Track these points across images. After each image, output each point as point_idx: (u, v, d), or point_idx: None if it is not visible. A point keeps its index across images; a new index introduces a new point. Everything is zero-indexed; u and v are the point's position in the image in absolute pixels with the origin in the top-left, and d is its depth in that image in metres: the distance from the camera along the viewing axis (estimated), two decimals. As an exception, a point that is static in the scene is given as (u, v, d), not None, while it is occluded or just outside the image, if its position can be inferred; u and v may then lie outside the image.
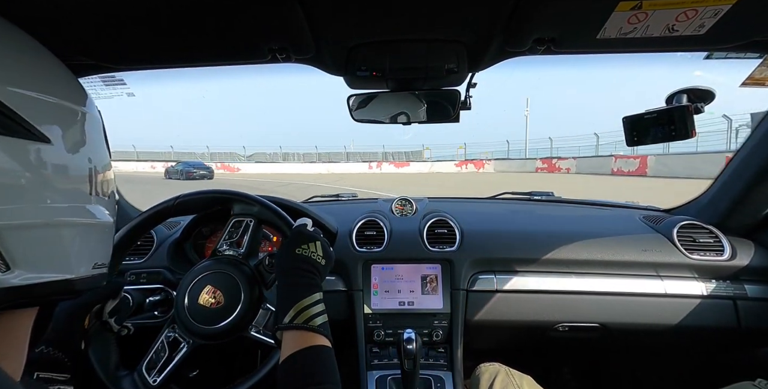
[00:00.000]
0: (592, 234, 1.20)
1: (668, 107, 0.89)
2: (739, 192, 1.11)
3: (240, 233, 0.84)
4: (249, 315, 0.76)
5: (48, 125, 0.37)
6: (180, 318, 0.76)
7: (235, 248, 0.83)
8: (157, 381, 0.75)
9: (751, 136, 1.07)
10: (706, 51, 0.85)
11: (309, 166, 27.51)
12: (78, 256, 0.40)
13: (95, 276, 0.43)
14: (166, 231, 1.24)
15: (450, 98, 1.01)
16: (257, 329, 0.77)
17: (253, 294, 0.76)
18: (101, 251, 0.44)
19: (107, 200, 0.44)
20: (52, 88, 0.39)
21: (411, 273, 1.14)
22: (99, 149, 0.43)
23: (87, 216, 0.40)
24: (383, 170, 27.52)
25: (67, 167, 0.38)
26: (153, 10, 0.62)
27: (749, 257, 1.08)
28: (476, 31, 0.74)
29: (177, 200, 0.84)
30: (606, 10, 0.62)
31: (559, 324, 1.11)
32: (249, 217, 0.84)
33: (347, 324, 1.12)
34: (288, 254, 0.69)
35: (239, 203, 0.85)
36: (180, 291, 0.77)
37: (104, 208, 0.43)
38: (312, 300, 0.63)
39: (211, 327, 0.74)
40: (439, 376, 1.02)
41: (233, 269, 0.77)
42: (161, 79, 1.14)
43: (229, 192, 0.85)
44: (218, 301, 0.74)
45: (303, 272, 0.67)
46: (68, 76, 0.43)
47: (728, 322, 1.05)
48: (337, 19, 0.69)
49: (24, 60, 0.39)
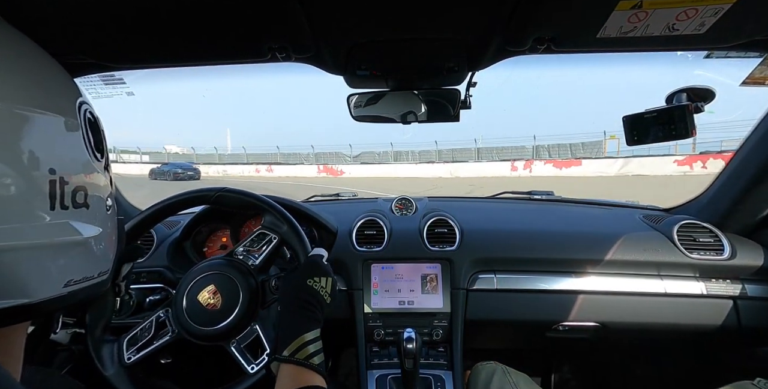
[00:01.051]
0: (592, 234, 1.20)
1: (668, 106, 0.89)
2: (738, 192, 1.10)
3: (261, 245, 0.83)
4: (238, 326, 0.74)
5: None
6: (176, 306, 0.75)
7: (250, 257, 0.82)
8: (131, 359, 0.75)
9: (751, 135, 1.07)
10: (707, 50, 0.85)
11: (426, 167, 20.00)
12: (37, 279, 0.36)
13: (68, 295, 0.38)
14: (166, 230, 1.24)
15: (450, 97, 1.01)
16: (238, 345, 0.75)
17: (249, 307, 0.75)
18: (77, 268, 0.39)
19: (86, 210, 0.39)
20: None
21: (411, 273, 1.14)
22: (68, 155, 0.38)
23: (46, 236, 0.35)
24: (535, 171, 16.98)
25: (10, 185, 0.33)
26: (153, 9, 0.62)
27: (749, 257, 1.08)
28: (476, 31, 0.74)
29: (218, 192, 0.83)
30: (606, 9, 0.62)
31: (559, 324, 1.11)
32: (275, 233, 0.82)
33: (347, 324, 1.12)
34: (299, 283, 0.68)
35: (271, 216, 0.83)
36: (183, 282, 0.77)
37: (79, 221, 0.38)
38: (314, 336, 0.63)
39: (201, 327, 0.73)
40: (439, 375, 1.02)
41: (240, 277, 0.76)
42: (161, 78, 1.14)
43: (267, 202, 0.84)
44: (215, 303, 0.74)
45: (309, 305, 0.65)
46: (23, 75, 0.36)
47: (728, 321, 1.05)
48: (337, 18, 0.69)
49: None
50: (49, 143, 0.36)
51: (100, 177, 0.43)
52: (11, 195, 0.33)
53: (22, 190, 0.33)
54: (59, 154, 0.37)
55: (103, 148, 0.44)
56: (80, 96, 0.42)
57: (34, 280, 0.35)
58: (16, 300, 0.34)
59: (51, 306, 0.37)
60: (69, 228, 0.37)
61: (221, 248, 1.19)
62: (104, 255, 0.44)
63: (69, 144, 0.39)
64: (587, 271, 1.12)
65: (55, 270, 0.37)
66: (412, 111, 1.05)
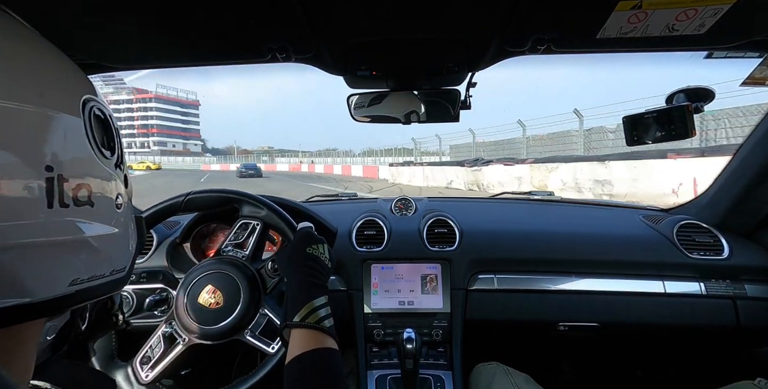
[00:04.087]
0: (592, 234, 1.20)
1: (668, 106, 0.89)
2: (738, 192, 1.11)
3: (246, 235, 0.84)
4: (247, 317, 0.76)
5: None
6: (178, 315, 0.76)
7: (239, 250, 0.83)
8: (149, 376, 0.75)
9: (751, 136, 1.07)
10: (706, 50, 0.85)
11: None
12: (38, 278, 0.35)
13: (76, 293, 0.38)
14: (166, 231, 1.24)
15: (450, 97, 1.01)
16: (253, 333, 0.77)
17: (252, 297, 0.76)
18: (83, 266, 0.39)
19: (91, 208, 0.39)
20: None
21: (411, 273, 1.14)
22: (67, 153, 0.37)
23: (44, 234, 0.35)
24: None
25: (3, 182, 0.32)
26: (153, 9, 0.62)
27: (748, 257, 1.09)
28: (476, 31, 0.74)
29: (187, 197, 0.84)
30: (606, 9, 0.62)
31: (559, 324, 1.11)
32: (256, 220, 0.84)
33: (347, 324, 1.12)
34: (299, 253, 0.69)
35: (248, 205, 0.85)
36: (180, 289, 0.78)
37: (82, 219, 0.38)
38: (323, 301, 0.63)
39: (209, 327, 0.74)
40: (439, 376, 1.02)
41: (235, 271, 0.77)
42: (161, 78, 1.14)
43: (238, 193, 0.85)
44: (217, 301, 0.74)
45: (314, 272, 0.66)
46: (15, 69, 0.35)
47: (728, 321, 1.05)
48: (337, 18, 0.69)
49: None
50: (46, 140, 0.35)
51: (107, 175, 0.42)
52: (4, 193, 0.32)
53: (16, 188, 0.33)
54: (57, 151, 0.36)
55: (114, 146, 0.44)
56: (87, 93, 0.41)
57: (35, 279, 0.35)
58: (16, 300, 0.34)
59: (58, 304, 0.37)
60: (70, 226, 0.37)
61: None
62: (117, 253, 0.44)
63: (69, 141, 0.38)
64: (587, 271, 1.12)
65: (58, 269, 0.37)
66: (415, 111, 1.05)
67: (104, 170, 0.42)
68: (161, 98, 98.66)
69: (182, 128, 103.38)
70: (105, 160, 0.42)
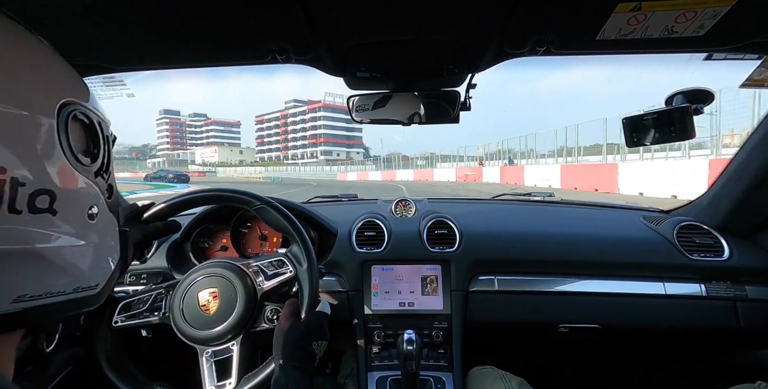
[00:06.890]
0: (593, 235, 1.20)
1: (668, 108, 0.89)
2: (738, 194, 1.11)
3: (276, 271, 0.79)
4: (220, 338, 0.72)
5: None
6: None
7: (261, 274, 0.78)
8: (118, 323, 0.77)
9: (751, 137, 1.07)
10: (706, 52, 0.85)
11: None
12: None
13: (23, 312, 0.34)
14: None
15: (450, 98, 1.01)
16: (211, 357, 0.73)
17: (239, 324, 0.73)
18: (31, 281, 0.34)
19: (51, 217, 0.35)
20: None
21: (411, 274, 1.14)
22: (29, 156, 0.34)
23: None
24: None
25: None
26: (153, 10, 0.62)
27: (749, 259, 1.08)
28: (475, 33, 0.74)
29: (263, 204, 0.79)
30: (605, 11, 0.62)
31: (560, 326, 1.11)
32: (294, 268, 0.79)
33: (347, 325, 1.12)
34: (304, 342, 0.68)
35: (299, 248, 0.79)
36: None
37: (35, 228, 0.34)
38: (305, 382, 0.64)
39: (188, 324, 0.72)
40: (440, 377, 1.02)
41: (243, 292, 0.74)
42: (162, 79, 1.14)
43: (301, 234, 0.79)
44: (209, 308, 0.72)
45: (307, 359, 0.67)
46: None
47: (728, 323, 1.05)
48: (337, 20, 0.69)
49: None
50: (7, 141, 0.32)
51: (79, 182, 0.38)
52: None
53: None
54: (15, 152, 0.32)
55: (97, 153, 0.41)
56: (71, 96, 0.38)
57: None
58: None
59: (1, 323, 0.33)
60: (15, 235, 0.32)
61: (222, 250, 1.19)
62: (86, 269, 0.40)
63: (33, 144, 0.34)
64: (587, 273, 1.12)
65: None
66: (417, 112, 1.05)
67: (77, 177, 0.38)
68: (329, 106, 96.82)
69: (346, 135, 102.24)
70: (80, 166, 0.39)
